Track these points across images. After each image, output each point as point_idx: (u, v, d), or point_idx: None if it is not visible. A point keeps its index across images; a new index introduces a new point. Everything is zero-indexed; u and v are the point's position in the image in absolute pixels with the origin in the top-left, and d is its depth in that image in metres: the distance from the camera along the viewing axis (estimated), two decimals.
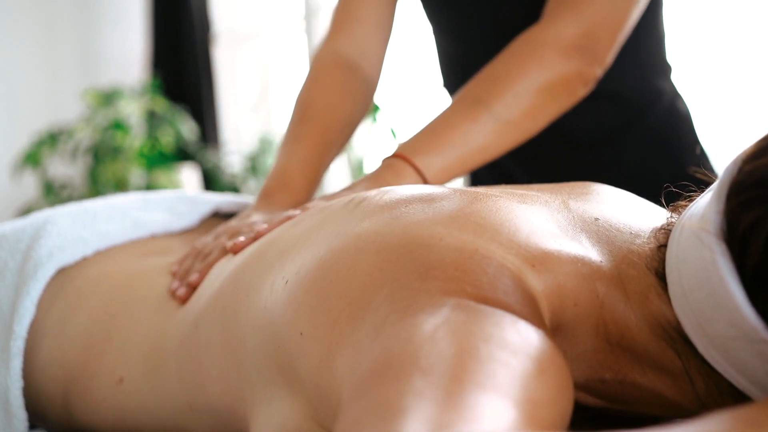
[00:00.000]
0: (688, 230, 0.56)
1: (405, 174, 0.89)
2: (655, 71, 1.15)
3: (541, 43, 0.95)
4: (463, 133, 0.92)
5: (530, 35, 0.97)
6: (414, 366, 0.47)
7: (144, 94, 2.87)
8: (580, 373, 0.62)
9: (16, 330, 0.82)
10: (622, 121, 1.13)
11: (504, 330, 0.51)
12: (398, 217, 0.62)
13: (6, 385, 0.81)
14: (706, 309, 0.54)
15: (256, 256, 0.72)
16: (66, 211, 0.94)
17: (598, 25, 0.96)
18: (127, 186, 2.68)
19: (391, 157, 0.92)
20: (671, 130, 1.15)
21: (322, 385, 0.57)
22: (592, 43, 0.96)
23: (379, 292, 0.55)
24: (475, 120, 0.92)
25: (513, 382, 0.47)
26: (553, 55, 0.94)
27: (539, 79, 0.94)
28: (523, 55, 0.95)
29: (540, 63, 0.94)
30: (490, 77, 0.95)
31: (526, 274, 0.57)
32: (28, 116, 2.98)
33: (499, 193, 0.67)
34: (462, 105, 0.94)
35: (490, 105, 0.92)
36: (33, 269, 0.85)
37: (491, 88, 0.94)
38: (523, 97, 0.93)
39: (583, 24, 0.96)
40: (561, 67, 0.95)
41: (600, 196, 0.71)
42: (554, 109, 0.96)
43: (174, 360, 0.75)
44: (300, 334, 0.59)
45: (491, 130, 0.92)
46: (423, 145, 0.92)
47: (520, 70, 0.94)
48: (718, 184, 0.55)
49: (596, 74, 0.97)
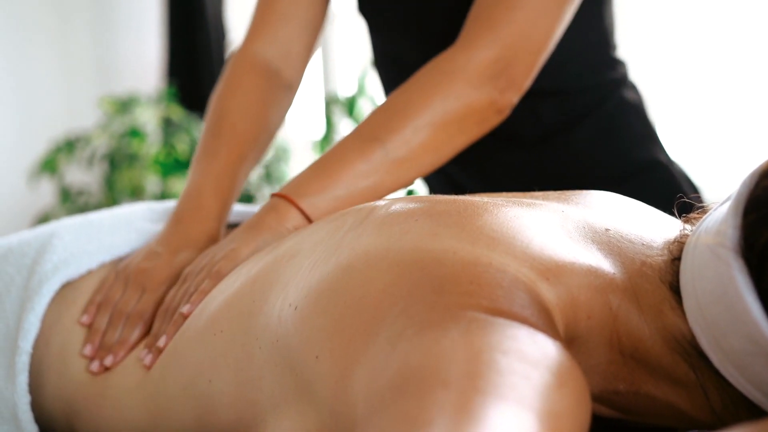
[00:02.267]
0: (703, 244, 0.56)
1: (289, 216, 0.84)
2: (599, 66, 1.10)
3: (448, 72, 0.89)
4: (355, 173, 0.86)
5: (438, 63, 0.91)
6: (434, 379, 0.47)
7: (160, 101, 2.88)
8: (595, 384, 0.62)
9: (21, 345, 0.82)
10: (565, 118, 1.08)
11: (522, 342, 0.51)
12: (408, 232, 0.62)
13: (13, 401, 0.80)
14: (722, 324, 0.54)
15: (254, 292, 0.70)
16: (71, 224, 0.93)
17: (516, 48, 0.90)
18: (143, 193, 2.69)
19: (276, 197, 0.86)
20: (619, 122, 1.10)
21: (337, 404, 0.56)
22: (507, 69, 0.90)
23: (393, 308, 0.55)
24: (368, 159, 0.86)
25: (534, 395, 0.47)
26: (461, 84, 0.88)
27: (443, 112, 0.88)
28: (427, 86, 0.89)
29: (446, 94, 0.88)
30: (390, 111, 0.89)
31: (541, 287, 0.57)
32: (45, 124, 3.00)
33: (506, 203, 0.66)
34: (356, 141, 0.88)
35: (386, 142, 0.86)
36: (38, 284, 0.85)
37: (388, 124, 0.88)
38: (424, 132, 0.87)
39: (500, 48, 0.89)
40: (470, 96, 0.88)
41: (606, 204, 0.71)
42: (461, 141, 0.90)
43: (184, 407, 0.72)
44: (315, 357, 0.59)
45: (386, 170, 0.86)
46: (310, 185, 0.86)
47: (422, 102, 0.88)
48: (734, 198, 0.55)
49: (511, 101, 0.92)
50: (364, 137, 0.88)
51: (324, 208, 0.85)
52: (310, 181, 0.86)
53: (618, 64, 1.12)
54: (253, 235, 0.83)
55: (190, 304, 0.77)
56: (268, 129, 1.03)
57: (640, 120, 1.11)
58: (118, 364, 0.79)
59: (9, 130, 2.95)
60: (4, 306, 0.86)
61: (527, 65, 0.92)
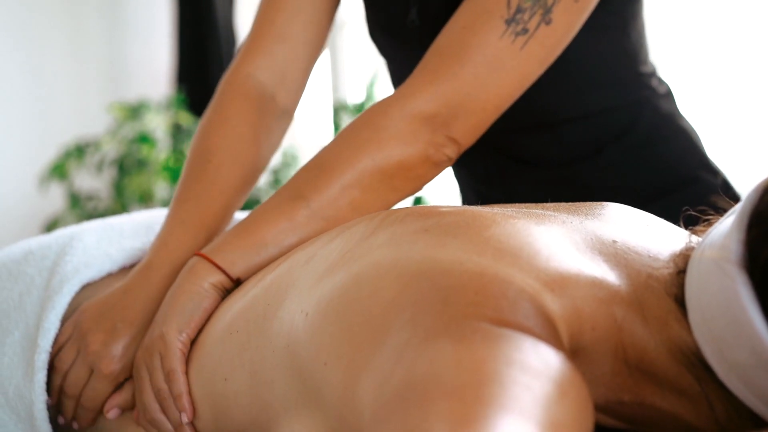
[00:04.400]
0: (708, 258, 0.56)
1: (204, 275, 0.81)
2: (629, 85, 1.03)
3: (380, 128, 0.84)
4: (277, 233, 0.83)
5: (371, 117, 0.86)
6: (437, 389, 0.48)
7: (169, 107, 2.90)
8: (599, 395, 0.62)
9: (41, 344, 0.83)
10: (594, 142, 1.03)
11: (525, 353, 0.51)
12: (417, 242, 0.63)
13: (30, 399, 0.82)
14: (726, 336, 0.54)
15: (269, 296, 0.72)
16: (92, 228, 0.94)
17: (457, 106, 0.84)
18: (152, 198, 2.70)
19: (196, 256, 0.83)
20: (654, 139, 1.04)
21: (344, 411, 0.57)
22: (445, 126, 0.85)
23: (400, 317, 0.56)
24: (292, 218, 0.83)
25: (535, 405, 0.48)
26: (393, 141, 0.84)
27: (373, 170, 0.83)
28: (358, 141, 0.85)
29: (376, 151, 0.83)
30: (317, 168, 0.85)
31: (546, 298, 0.58)
32: (55, 129, 3.01)
33: (516, 215, 0.67)
34: (282, 199, 0.85)
35: (311, 201, 0.83)
36: (59, 284, 0.86)
37: (315, 182, 0.84)
38: (352, 191, 0.83)
39: (438, 104, 0.84)
40: (402, 154, 0.84)
41: (616, 216, 0.71)
42: (393, 198, 0.86)
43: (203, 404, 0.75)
44: (324, 364, 0.60)
45: (311, 229, 0.83)
46: (229, 243, 0.83)
47: (351, 160, 0.84)
48: (739, 212, 0.55)
49: (449, 157, 0.87)
50: (289, 195, 0.85)
51: (243, 264, 0.81)
52: (231, 239, 0.83)
53: (649, 77, 1.06)
54: (173, 308, 0.80)
55: (185, 413, 0.76)
56: (257, 166, 0.97)
57: (676, 131, 1.05)
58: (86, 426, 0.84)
59: (19, 135, 2.96)
60: (25, 306, 0.87)
61: (472, 124, 0.86)
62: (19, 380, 0.83)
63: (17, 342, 0.85)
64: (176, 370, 0.76)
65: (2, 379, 0.83)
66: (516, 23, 0.84)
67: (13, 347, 0.85)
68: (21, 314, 0.86)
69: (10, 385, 0.83)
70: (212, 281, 0.80)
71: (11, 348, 0.85)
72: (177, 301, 0.80)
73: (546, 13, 0.85)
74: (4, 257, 0.93)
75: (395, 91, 0.87)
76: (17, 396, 0.83)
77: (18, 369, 0.83)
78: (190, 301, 0.79)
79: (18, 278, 0.89)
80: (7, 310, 0.87)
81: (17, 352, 0.84)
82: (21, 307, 0.87)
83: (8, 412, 0.83)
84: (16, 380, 0.83)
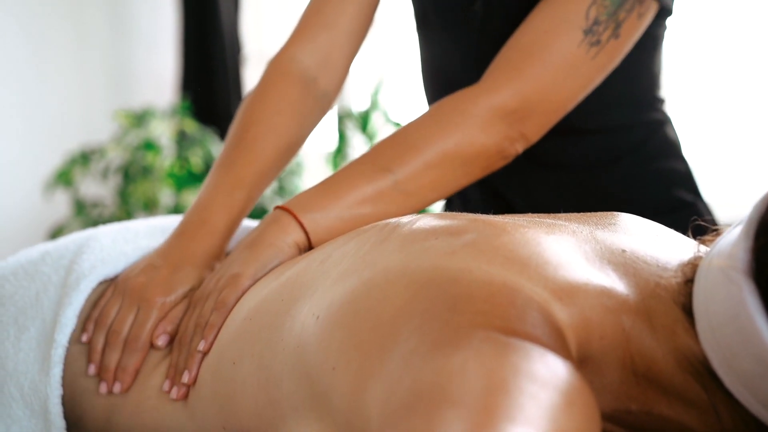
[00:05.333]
0: (715, 267, 0.56)
1: (289, 230, 0.84)
2: (645, 107, 1.11)
3: (466, 114, 0.90)
4: (360, 198, 0.87)
5: (458, 102, 0.92)
6: (444, 398, 0.48)
7: (174, 115, 2.90)
8: (607, 404, 0.62)
9: (57, 339, 0.83)
10: (609, 153, 1.10)
11: (532, 362, 0.52)
12: (427, 250, 0.63)
13: (46, 394, 0.82)
14: (733, 345, 0.54)
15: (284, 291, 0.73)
16: (108, 230, 0.96)
17: (535, 104, 0.92)
18: (157, 205, 2.71)
19: (279, 209, 0.87)
20: (661, 162, 1.11)
21: (352, 417, 0.57)
22: (522, 121, 0.92)
23: (408, 325, 0.56)
24: (376, 186, 0.87)
25: (542, 415, 0.48)
26: (476, 128, 0.90)
27: (455, 153, 0.89)
28: (444, 123, 0.91)
29: (461, 135, 0.90)
30: (404, 143, 0.91)
31: (554, 307, 0.58)
32: (60, 136, 3.02)
33: (526, 224, 0.67)
34: (367, 167, 0.89)
35: (397, 173, 0.88)
36: (76, 281, 0.87)
37: (402, 156, 0.89)
38: (433, 170, 0.89)
39: (520, 100, 0.91)
40: (482, 142, 0.90)
41: (627, 226, 0.71)
42: (463, 182, 0.93)
43: (209, 387, 0.76)
44: (332, 368, 0.60)
45: (391, 200, 0.88)
46: (315, 202, 0.87)
47: (436, 140, 0.90)
48: (746, 221, 0.56)
49: (518, 151, 0.94)
50: (375, 165, 0.89)
51: (325, 226, 0.85)
52: (316, 198, 0.87)
53: (661, 103, 1.13)
54: (253, 255, 0.83)
55: (204, 340, 0.78)
56: (293, 142, 1.02)
57: (679, 160, 1.12)
58: (128, 388, 0.82)
59: (25, 142, 2.97)
60: (42, 303, 0.88)
61: (541, 123, 0.94)
62: (34, 375, 0.84)
63: (33, 338, 0.86)
64: (229, 304, 0.79)
65: (18, 374, 0.84)
66: (592, 34, 0.92)
67: (29, 343, 0.85)
68: (37, 311, 0.87)
69: (26, 380, 0.84)
70: (294, 239, 0.84)
71: (27, 344, 0.85)
72: (260, 251, 0.83)
73: (617, 27, 0.93)
74: (21, 258, 0.94)
75: (481, 82, 0.93)
76: (32, 390, 0.83)
77: (34, 364, 0.84)
78: (272, 254, 0.83)
79: (35, 277, 0.90)
80: (24, 307, 0.88)
81: (33, 348, 0.85)
82: (38, 304, 0.88)
83: (22, 406, 0.84)
84: (31, 375, 0.84)
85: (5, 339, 0.86)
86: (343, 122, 2.95)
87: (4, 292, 0.90)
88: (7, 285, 0.91)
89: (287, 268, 0.78)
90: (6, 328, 0.87)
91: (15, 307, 0.88)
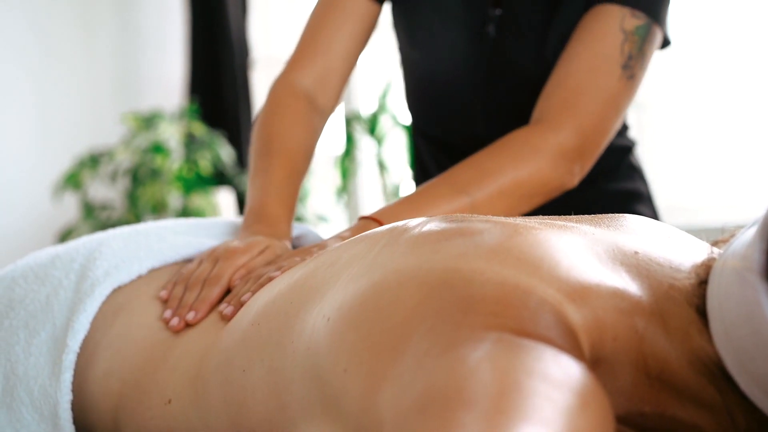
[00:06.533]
0: (730, 268, 0.56)
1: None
2: (618, 134, 1.19)
3: (537, 149, 0.99)
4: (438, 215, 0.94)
5: (529, 137, 1.01)
6: (458, 400, 0.48)
7: (182, 118, 2.91)
8: (620, 406, 0.62)
9: (69, 344, 0.83)
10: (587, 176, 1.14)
11: (546, 364, 0.51)
12: (439, 251, 0.63)
13: (56, 398, 0.82)
14: (748, 347, 0.54)
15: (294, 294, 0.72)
16: (119, 234, 0.97)
17: (591, 138, 1.01)
18: (166, 208, 2.71)
19: (365, 219, 0.94)
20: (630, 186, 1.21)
21: (364, 420, 0.57)
22: (582, 155, 1.01)
23: (420, 326, 0.56)
24: (454, 206, 0.96)
25: (557, 416, 0.48)
26: (545, 163, 0.99)
27: (527, 184, 0.99)
28: (518, 156, 0.99)
29: (533, 167, 0.98)
30: (481, 170, 0.99)
31: (567, 309, 0.58)
32: (69, 139, 3.03)
33: (538, 225, 0.67)
34: (446, 189, 0.98)
35: (475, 198, 0.96)
36: (90, 288, 0.87)
37: (480, 182, 0.97)
38: (506, 195, 0.98)
39: (581, 136, 1.00)
40: (549, 176, 0.99)
41: (637, 228, 0.71)
42: (527, 208, 1.01)
43: (219, 393, 0.75)
44: (344, 371, 0.59)
45: None
46: (399, 215, 0.93)
47: (509, 169, 0.98)
48: (761, 222, 0.55)
49: (574, 183, 1.03)
50: (453, 187, 0.98)
51: None
52: (400, 212, 0.94)
53: (627, 130, 1.23)
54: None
55: (279, 270, 0.82)
56: (310, 147, 1.12)
57: (643, 182, 1.24)
58: (200, 321, 0.83)
59: (33, 145, 2.98)
60: (52, 307, 0.88)
61: (595, 155, 1.03)
62: (44, 380, 0.83)
63: (44, 342, 0.86)
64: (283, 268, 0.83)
65: (28, 378, 0.84)
66: (629, 68, 1.01)
67: (39, 347, 0.85)
68: (48, 315, 0.87)
69: (36, 385, 0.84)
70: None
71: (38, 348, 0.85)
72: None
73: (644, 61, 1.03)
74: (30, 261, 0.94)
75: (546, 121, 1.02)
76: (42, 395, 0.83)
77: (44, 369, 0.84)
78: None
79: (45, 280, 0.90)
80: (34, 311, 0.88)
81: (44, 352, 0.85)
82: (48, 308, 0.88)
83: (32, 411, 0.84)
84: (41, 380, 0.84)
85: (15, 343, 0.86)
86: (351, 125, 2.95)
87: (15, 296, 0.90)
88: (18, 288, 0.91)
89: (295, 271, 0.77)
90: (16, 332, 0.87)
91: (25, 311, 0.88)
